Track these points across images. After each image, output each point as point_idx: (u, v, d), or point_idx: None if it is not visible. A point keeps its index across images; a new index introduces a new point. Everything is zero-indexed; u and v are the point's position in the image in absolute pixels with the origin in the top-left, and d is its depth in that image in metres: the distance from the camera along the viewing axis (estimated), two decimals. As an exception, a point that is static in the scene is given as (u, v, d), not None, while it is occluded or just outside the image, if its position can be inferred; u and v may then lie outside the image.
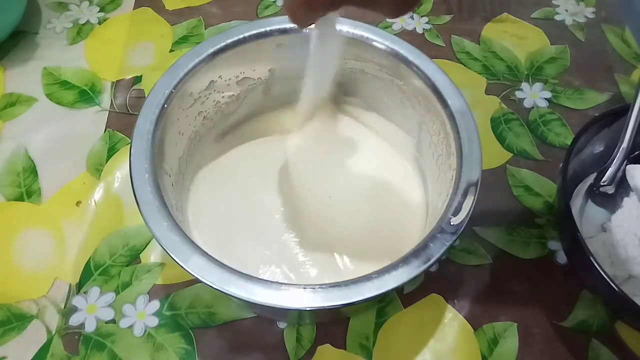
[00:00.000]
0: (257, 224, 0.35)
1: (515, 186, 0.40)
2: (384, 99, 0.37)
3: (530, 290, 0.36)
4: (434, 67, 0.32)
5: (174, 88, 0.31)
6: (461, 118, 0.30)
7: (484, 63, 0.48)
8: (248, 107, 0.38)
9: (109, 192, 0.39)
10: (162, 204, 0.27)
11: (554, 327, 0.35)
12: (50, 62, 0.47)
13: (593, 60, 0.48)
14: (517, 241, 0.38)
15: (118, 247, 0.37)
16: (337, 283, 0.25)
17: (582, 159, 0.36)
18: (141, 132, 0.29)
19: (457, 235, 0.26)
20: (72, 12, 0.51)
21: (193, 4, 0.51)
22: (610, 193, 0.36)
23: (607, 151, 0.36)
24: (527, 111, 0.45)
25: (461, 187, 0.28)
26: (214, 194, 0.36)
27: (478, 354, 0.34)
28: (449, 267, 0.37)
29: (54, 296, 0.35)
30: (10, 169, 0.40)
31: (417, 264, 0.25)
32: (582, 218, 0.35)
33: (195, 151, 0.36)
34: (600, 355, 0.34)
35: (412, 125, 0.36)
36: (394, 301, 0.35)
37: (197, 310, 0.35)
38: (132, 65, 0.47)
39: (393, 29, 0.50)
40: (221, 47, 0.33)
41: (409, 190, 0.36)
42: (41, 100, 0.44)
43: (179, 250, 0.25)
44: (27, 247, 0.37)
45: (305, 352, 0.33)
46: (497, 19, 0.51)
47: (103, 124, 0.43)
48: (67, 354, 0.33)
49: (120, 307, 0.35)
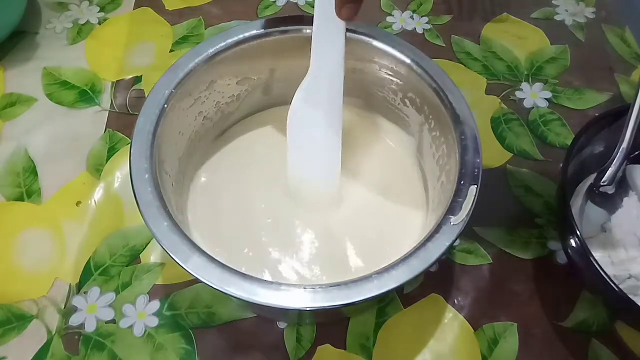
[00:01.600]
0: (257, 224, 0.35)
1: (515, 186, 0.40)
2: (384, 99, 0.37)
3: (530, 290, 0.36)
4: (434, 67, 0.32)
5: (174, 88, 0.31)
6: (461, 118, 0.30)
7: (484, 63, 0.48)
8: (248, 107, 0.38)
9: (109, 192, 0.39)
10: (162, 204, 0.27)
11: (554, 327, 0.35)
12: (50, 62, 0.47)
13: (593, 60, 0.48)
14: (517, 241, 0.38)
15: (118, 247, 0.37)
16: (337, 283, 0.25)
17: (582, 159, 0.36)
18: (141, 132, 0.29)
19: (457, 235, 0.26)
20: (72, 12, 0.51)
21: (193, 4, 0.51)
22: (610, 193, 0.36)
23: (607, 151, 0.36)
24: (527, 111, 0.45)
25: (461, 187, 0.28)
26: (214, 194, 0.36)
27: (478, 354, 0.34)
28: (449, 267, 0.37)
29: (54, 296, 0.35)
30: (10, 169, 0.40)
31: (417, 264, 0.25)
32: (582, 218, 0.35)
33: (195, 151, 0.36)
34: (600, 355, 0.34)
35: (413, 125, 0.36)
36: (394, 301, 0.35)
37: (197, 310, 0.35)
38: (132, 65, 0.47)
39: (393, 29, 0.50)
40: (221, 47, 0.33)
41: (409, 190, 0.36)
42: (41, 100, 0.44)
43: (179, 250, 0.25)
44: (27, 247, 0.37)
45: (305, 352, 0.33)
46: (497, 19, 0.51)
47: (103, 124, 0.43)
48: (67, 354, 0.33)
49: (120, 307, 0.35)
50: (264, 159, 0.37)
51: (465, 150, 0.29)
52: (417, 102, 0.34)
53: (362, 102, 0.38)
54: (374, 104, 0.38)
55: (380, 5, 0.52)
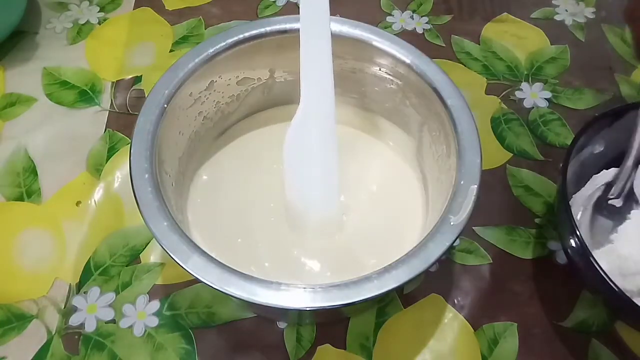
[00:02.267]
0: (257, 224, 0.35)
1: (515, 186, 0.40)
2: (384, 99, 0.37)
3: (530, 290, 0.36)
4: (434, 67, 0.32)
5: (174, 88, 0.31)
6: (461, 118, 0.30)
7: (484, 63, 0.48)
8: (248, 107, 0.38)
9: (109, 192, 0.39)
10: (162, 204, 0.27)
11: (554, 327, 0.35)
12: (50, 62, 0.47)
13: (593, 60, 0.48)
14: (517, 241, 0.38)
15: (118, 247, 0.37)
16: (337, 283, 0.25)
17: (581, 160, 0.36)
18: (141, 132, 0.29)
19: (457, 235, 0.26)
20: (72, 12, 0.51)
21: (193, 4, 0.51)
22: (619, 206, 0.35)
23: (607, 151, 0.36)
24: (527, 111, 0.45)
25: (461, 187, 0.28)
26: (214, 194, 0.36)
27: (478, 354, 0.34)
28: (449, 267, 0.37)
29: (54, 296, 0.35)
30: (10, 169, 0.40)
31: (417, 264, 0.25)
32: (590, 229, 0.35)
33: (195, 151, 0.36)
34: (600, 355, 0.34)
35: (413, 125, 0.36)
36: (394, 301, 0.35)
37: (197, 310, 0.35)
38: (132, 65, 0.47)
39: (393, 29, 0.50)
40: (221, 47, 0.33)
41: (408, 191, 0.36)
42: (41, 100, 0.44)
43: (179, 250, 0.25)
44: (27, 247, 0.37)
45: (305, 352, 0.33)
46: (497, 19, 0.51)
47: (103, 124, 0.43)
48: (67, 354, 0.33)
49: (120, 307, 0.35)
50: (265, 158, 0.37)
51: (465, 150, 0.29)
52: (417, 102, 0.34)
53: (362, 102, 0.38)
54: (374, 104, 0.38)
55: (380, 5, 0.52)
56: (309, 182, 0.32)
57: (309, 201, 0.33)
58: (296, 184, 0.32)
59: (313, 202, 0.33)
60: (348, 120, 0.39)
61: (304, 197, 0.33)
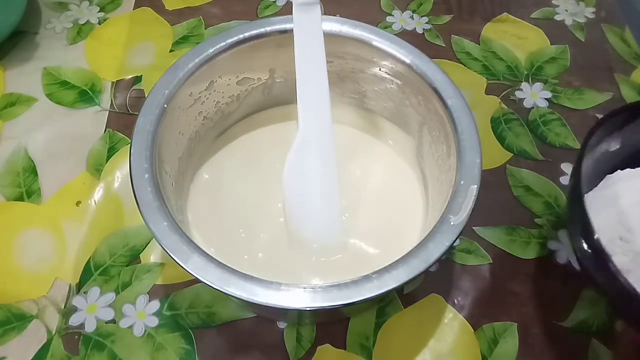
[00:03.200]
0: (257, 225, 0.35)
1: (515, 186, 0.40)
2: (384, 99, 0.37)
3: (530, 290, 0.36)
4: (434, 67, 0.32)
5: (174, 88, 0.31)
6: (461, 118, 0.30)
7: (484, 63, 0.48)
8: (248, 107, 0.38)
9: (109, 192, 0.39)
10: (162, 204, 0.27)
11: (554, 327, 0.35)
12: (50, 62, 0.47)
13: (593, 60, 0.48)
14: (517, 241, 0.38)
15: (118, 247, 0.37)
16: (337, 283, 0.25)
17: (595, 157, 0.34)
18: (141, 132, 0.29)
19: (457, 235, 0.26)
20: (72, 12, 0.51)
21: (193, 4, 0.51)
22: None
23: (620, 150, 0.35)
24: (527, 111, 0.45)
25: (461, 187, 0.28)
26: (214, 194, 0.36)
27: (478, 354, 0.34)
28: (449, 267, 0.37)
29: (54, 296, 0.35)
30: (10, 169, 0.40)
31: (417, 264, 0.25)
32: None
33: (195, 151, 0.36)
34: (600, 355, 0.34)
35: (413, 125, 0.36)
36: (394, 301, 0.35)
37: (197, 310, 0.35)
38: (132, 65, 0.47)
39: (393, 29, 0.50)
40: (221, 47, 0.33)
41: (409, 191, 0.36)
42: (41, 100, 0.44)
43: (179, 250, 0.25)
44: (27, 247, 0.37)
45: (305, 352, 0.33)
46: (497, 19, 0.51)
47: (103, 124, 0.43)
48: (67, 354, 0.33)
49: (120, 307, 0.35)
50: (265, 158, 0.37)
51: (465, 150, 0.29)
52: (417, 102, 0.34)
53: (362, 102, 0.38)
54: (374, 104, 0.38)
55: (380, 5, 0.52)
56: (310, 209, 0.32)
57: (311, 229, 0.33)
58: (296, 210, 0.32)
59: (314, 229, 0.33)
60: (348, 120, 0.39)
61: (306, 226, 0.33)
